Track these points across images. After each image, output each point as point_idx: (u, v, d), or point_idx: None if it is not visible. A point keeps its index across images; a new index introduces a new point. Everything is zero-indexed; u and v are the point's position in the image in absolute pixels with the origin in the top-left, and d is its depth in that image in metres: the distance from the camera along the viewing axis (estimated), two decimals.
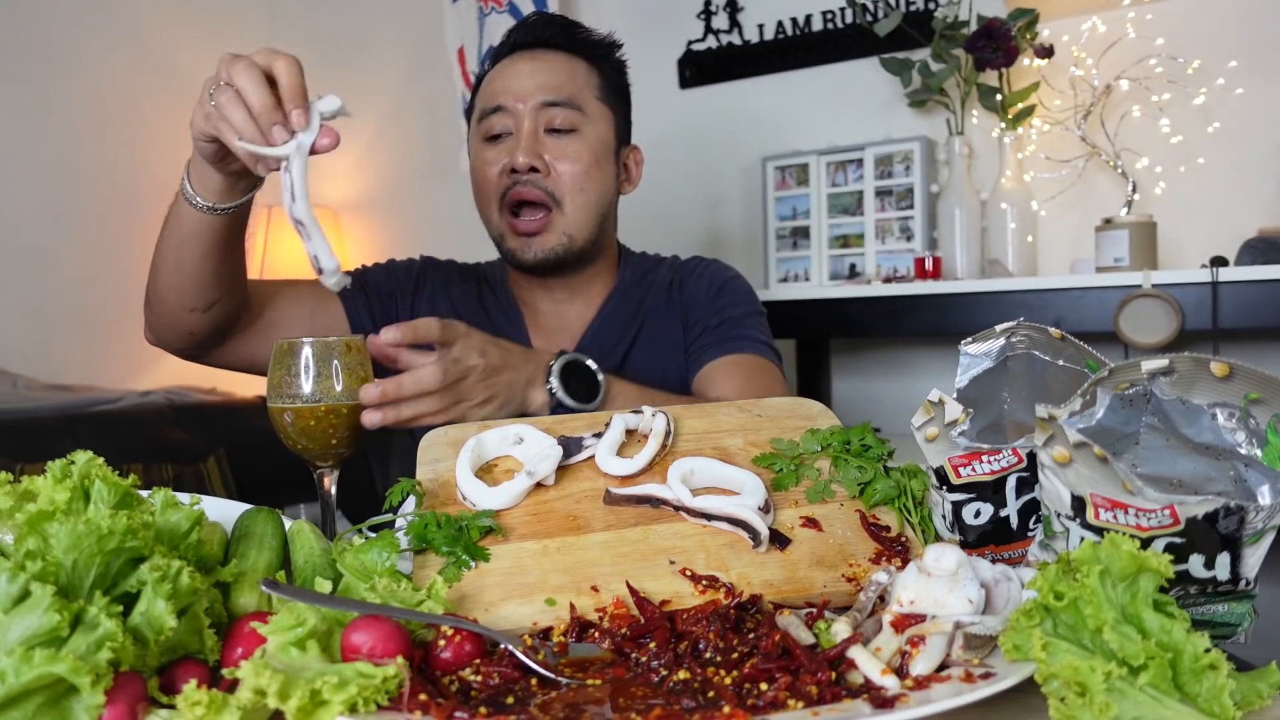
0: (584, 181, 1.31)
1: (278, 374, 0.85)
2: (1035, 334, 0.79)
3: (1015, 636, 0.57)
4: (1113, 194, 2.22)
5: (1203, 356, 0.62)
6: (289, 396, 0.84)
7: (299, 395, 0.84)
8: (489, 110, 1.32)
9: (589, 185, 1.32)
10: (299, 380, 0.84)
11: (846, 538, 0.79)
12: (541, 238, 1.30)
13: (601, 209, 1.35)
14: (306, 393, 0.84)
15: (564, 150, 1.30)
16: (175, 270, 1.08)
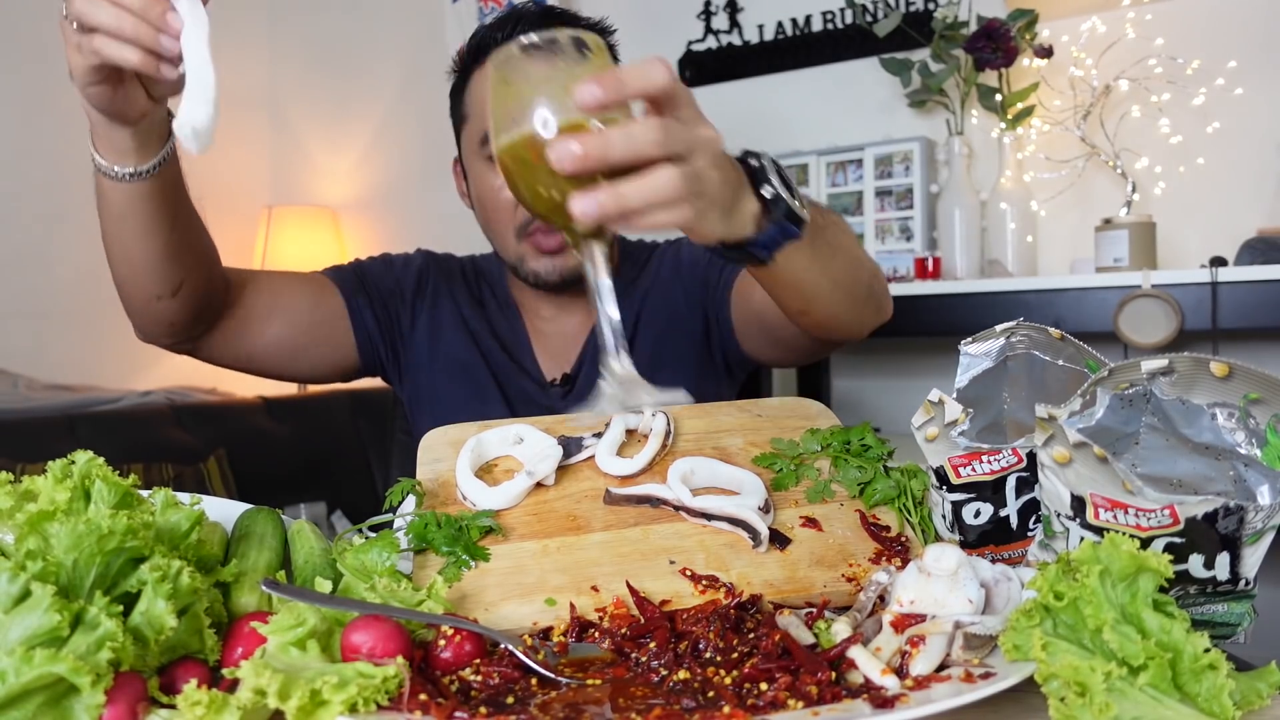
0: None
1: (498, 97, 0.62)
2: (1035, 334, 0.79)
3: (1015, 636, 0.57)
4: (1112, 194, 2.22)
5: (1202, 356, 0.62)
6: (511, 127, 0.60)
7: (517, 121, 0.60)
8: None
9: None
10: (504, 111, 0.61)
11: (846, 538, 0.79)
12: (563, 258, 1.21)
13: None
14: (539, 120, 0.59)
15: None
16: (123, 259, 0.98)
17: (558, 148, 0.57)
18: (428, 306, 1.33)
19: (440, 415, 1.12)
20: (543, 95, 0.59)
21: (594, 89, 0.57)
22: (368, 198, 3.49)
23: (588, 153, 0.57)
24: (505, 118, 0.61)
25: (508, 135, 0.61)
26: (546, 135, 0.59)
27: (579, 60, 0.61)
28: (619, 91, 0.58)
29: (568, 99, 0.58)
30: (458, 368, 1.30)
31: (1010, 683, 0.55)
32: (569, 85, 0.58)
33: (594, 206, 0.58)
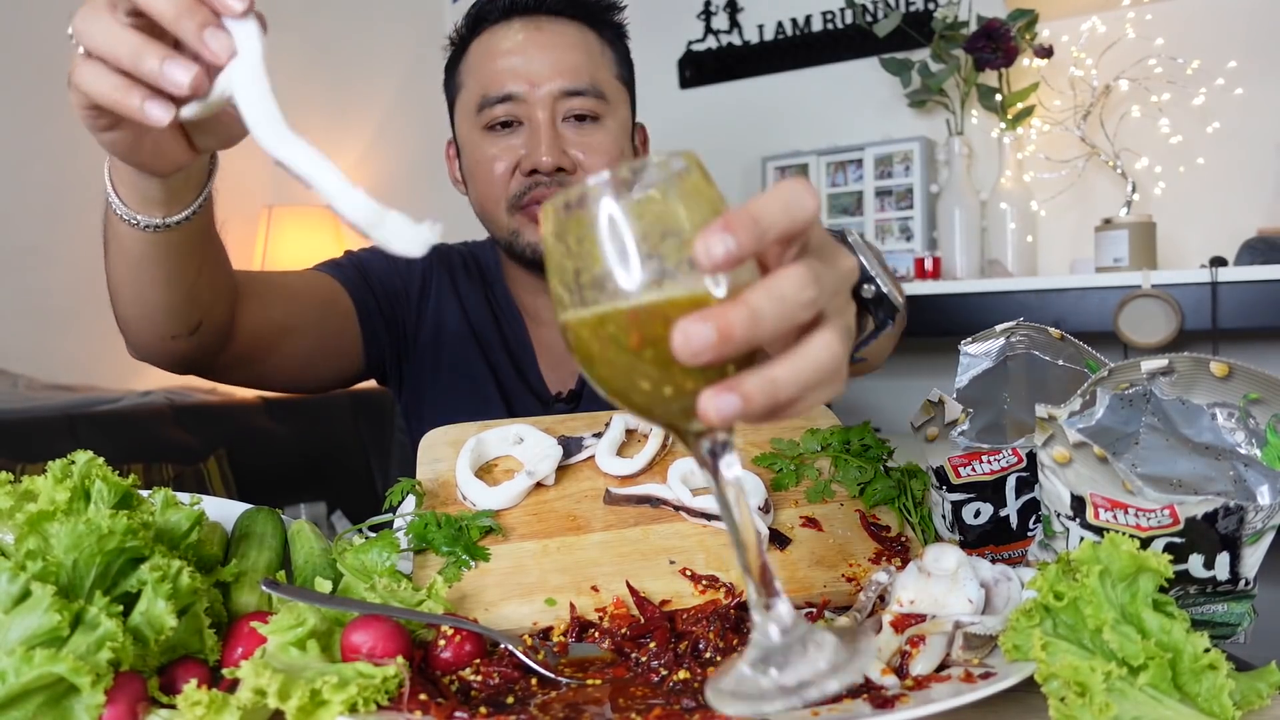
0: None
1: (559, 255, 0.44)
2: (1035, 334, 0.79)
3: (1015, 636, 0.57)
4: (1112, 194, 2.22)
5: (1202, 356, 0.62)
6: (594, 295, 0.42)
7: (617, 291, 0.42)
8: (494, 99, 1.12)
9: None
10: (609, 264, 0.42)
11: (846, 537, 0.79)
12: None
13: None
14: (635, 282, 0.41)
15: (588, 142, 1.13)
16: (134, 302, 0.83)
17: (682, 333, 0.39)
18: (432, 310, 1.26)
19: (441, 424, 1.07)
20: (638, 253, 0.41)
21: (725, 241, 0.39)
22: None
23: (727, 335, 0.39)
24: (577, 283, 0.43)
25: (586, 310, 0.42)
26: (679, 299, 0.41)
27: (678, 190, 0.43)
28: (759, 239, 0.40)
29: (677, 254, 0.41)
30: (462, 378, 1.24)
31: (1010, 683, 0.55)
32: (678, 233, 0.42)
33: (735, 406, 0.40)
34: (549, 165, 1.10)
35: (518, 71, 1.12)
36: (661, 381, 0.42)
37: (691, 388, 0.42)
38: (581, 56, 1.14)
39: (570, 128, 1.13)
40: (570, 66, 1.12)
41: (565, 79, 1.12)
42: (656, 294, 0.41)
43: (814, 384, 0.42)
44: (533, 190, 1.12)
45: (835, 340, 0.42)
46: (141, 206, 0.71)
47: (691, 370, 0.41)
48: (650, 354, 0.42)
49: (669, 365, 0.41)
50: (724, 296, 0.41)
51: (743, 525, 0.45)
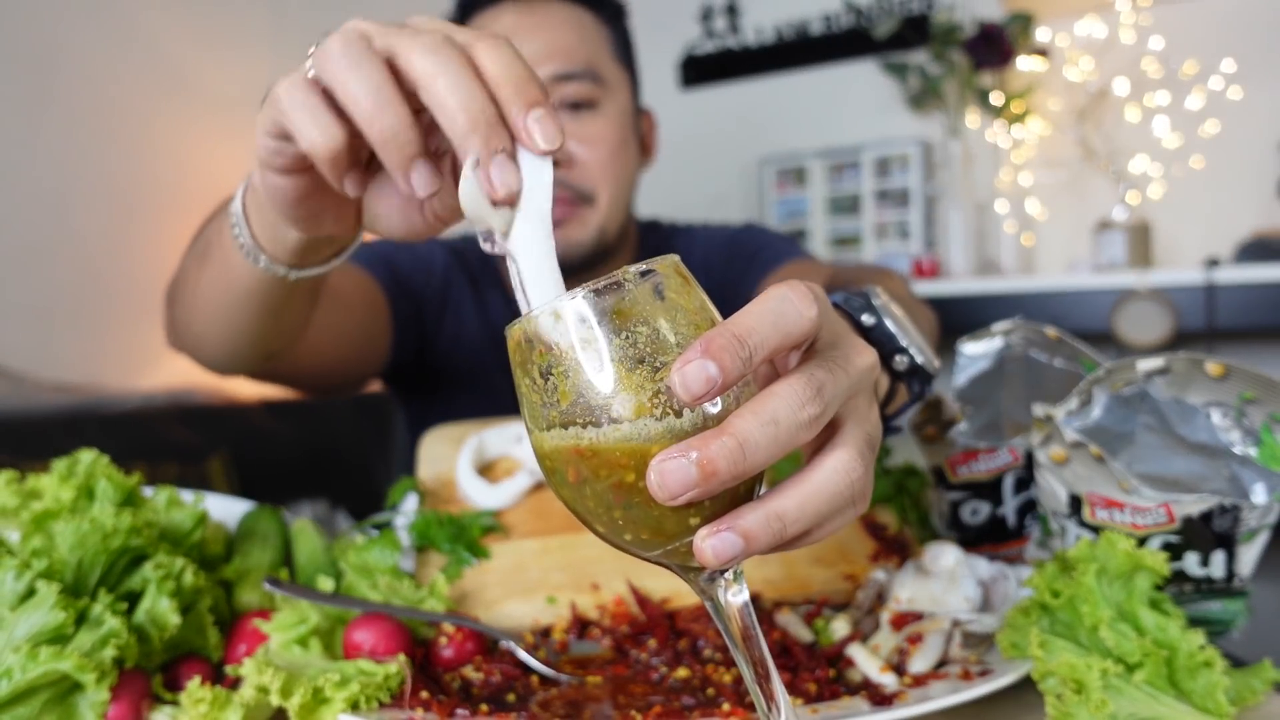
0: (613, 168, 1.07)
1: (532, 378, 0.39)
2: (1032, 334, 0.79)
3: (1012, 634, 0.57)
4: (1109, 195, 2.23)
5: (1198, 356, 0.63)
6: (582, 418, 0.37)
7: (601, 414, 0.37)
8: None
9: (621, 171, 1.09)
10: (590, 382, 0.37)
11: (845, 536, 0.79)
12: (568, 229, 1.06)
13: (630, 193, 1.14)
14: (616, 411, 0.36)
15: (586, 132, 1.05)
16: (225, 332, 0.74)
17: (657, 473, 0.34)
18: (451, 313, 1.19)
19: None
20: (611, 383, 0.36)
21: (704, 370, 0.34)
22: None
23: (710, 473, 0.34)
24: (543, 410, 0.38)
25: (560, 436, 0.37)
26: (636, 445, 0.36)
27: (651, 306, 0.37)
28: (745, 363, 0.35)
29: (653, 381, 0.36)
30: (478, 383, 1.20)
31: (1007, 680, 0.55)
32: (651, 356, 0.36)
33: (736, 546, 0.36)
34: None
35: None
36: (641, 524, 0.37)
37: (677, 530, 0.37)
38: (575, 37, 1.06)
39: (567, 117, 1.05)
40: (562, 48, 1.05)
41: (558, 63, 1.04)
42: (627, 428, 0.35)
43: (828, 514, 0.37)
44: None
45: (851, 460, 0.37)
46: (275, 250, 0.60)
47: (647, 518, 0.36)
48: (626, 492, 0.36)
49: (648, 504, 0.36)
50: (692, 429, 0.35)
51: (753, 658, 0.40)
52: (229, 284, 0.67)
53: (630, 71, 1.15)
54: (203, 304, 0.73)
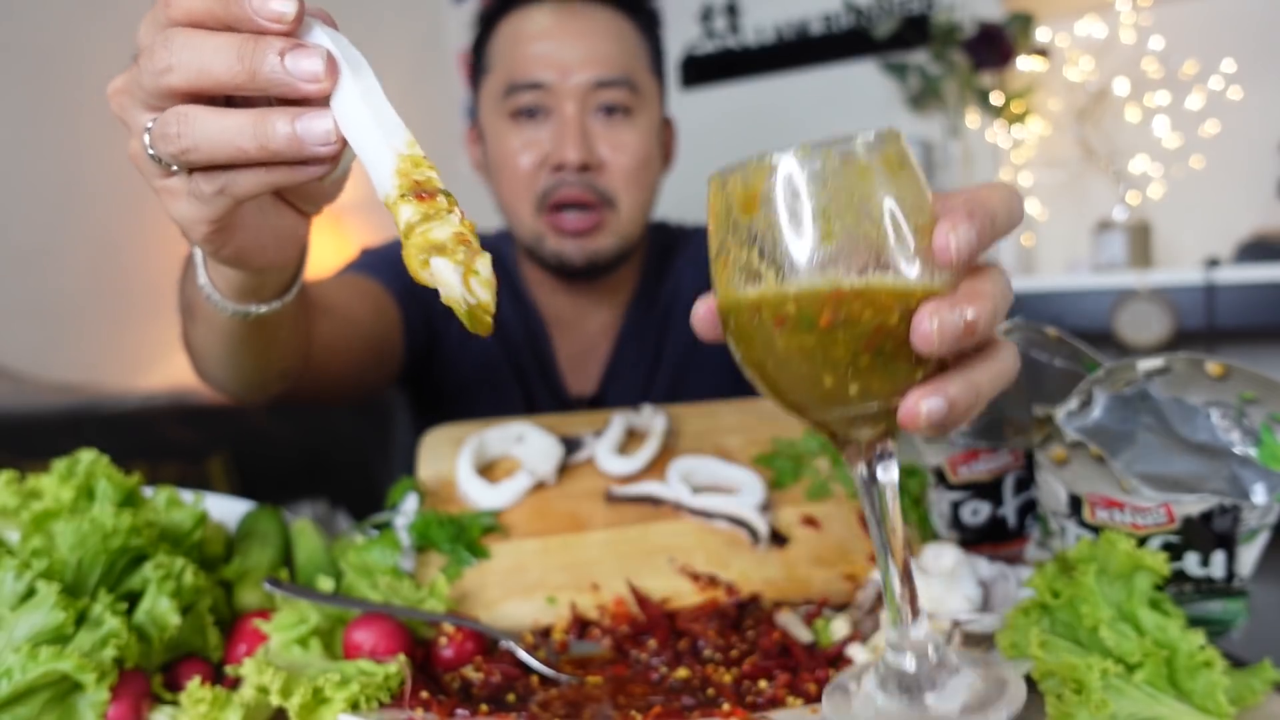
0: (640, 175, 1.09)
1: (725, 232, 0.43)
2: (1032, 334, 0.79)
3: (1012, 634, 0.57)
4: (1109, 195, 2.23)
5: (1198, 357, 0.63)
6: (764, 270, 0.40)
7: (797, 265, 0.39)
8: (522, 85, 1.07)
9: (645, 179, 1.11)
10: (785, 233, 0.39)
11: (845, 536, 0.79)
12: (592, 239, 1.09)
13: (652, 202, 1.16)
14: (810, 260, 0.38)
15: (618, 139, 1.08)
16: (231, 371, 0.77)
17: (931, 320, 0.37)
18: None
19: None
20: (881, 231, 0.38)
21: (968, 234, 0.37)
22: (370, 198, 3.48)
23: (976, 329, 0.38)
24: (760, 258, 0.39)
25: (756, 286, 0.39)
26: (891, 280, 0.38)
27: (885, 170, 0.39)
28: (993, 236, 0.39)
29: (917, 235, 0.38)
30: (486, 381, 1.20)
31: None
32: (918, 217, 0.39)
33: (941, 409, 0.39)
34: (575, 162, 1.05)
35: (548, 58, 1.06)
36: (874, 373, 0.38)
37: (904, 383, 0.39)
38: (615, 46, 1.08)
39: (600, 121, 1.08)
40: (604, 56, 1.07)
41: (598, 69, 1.06)
42: (892, 277, 0.37)
43: (1000, 388, 0.42)
44: (559, 189, 1.07)
45: (1014, 348, 0.43)
46: (235, 296, 0.61)
47: (883, 368, 0.38)
48: (841, 339, 0.38)
49: (896, 353, 0.38)
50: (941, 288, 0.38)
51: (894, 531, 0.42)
52: (216, 332, 0.68)
53: (660, 81, 1.17)
54: (205, 351, 0.74)
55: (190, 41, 0.42)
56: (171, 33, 0.42)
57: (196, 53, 0.42)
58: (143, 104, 0.45)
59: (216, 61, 0.42)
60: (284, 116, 0.42)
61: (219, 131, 0.43)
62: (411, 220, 0.40)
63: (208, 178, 0.46)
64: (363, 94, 0.42)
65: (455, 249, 0.40)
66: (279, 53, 0.41)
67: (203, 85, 0.42)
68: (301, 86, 0.41)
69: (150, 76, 0.43)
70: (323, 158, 0.43)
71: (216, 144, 0.43)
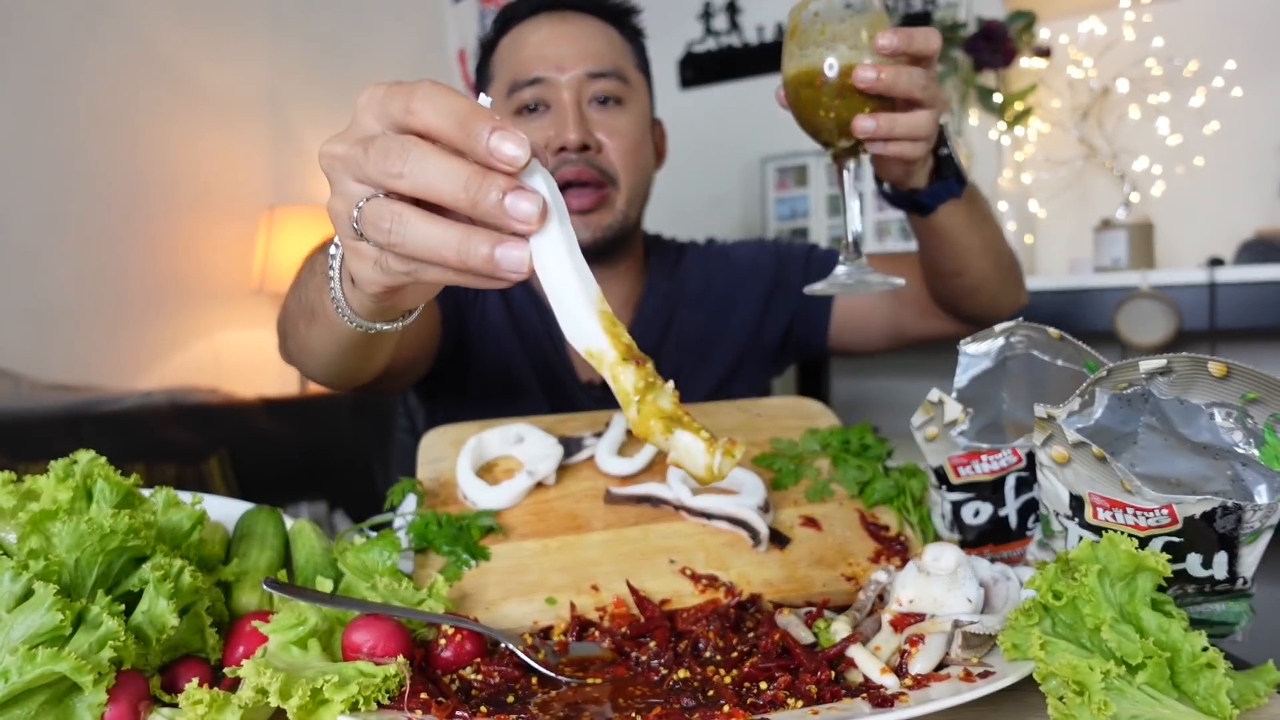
0: (635, 157, 1.18)
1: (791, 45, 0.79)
2: (1034, 334, 0.79)
3: (1014, 635, 0.57)
4: (1111, 195, 2.22)
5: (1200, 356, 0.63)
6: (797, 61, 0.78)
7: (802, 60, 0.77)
8: (523, 82, 1.16)
9: (641, 162, 1.20)
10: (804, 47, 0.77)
11: (846, 537, 0.79)
12: (598, 215, 1.16)
13: (648, 188, 1.25)
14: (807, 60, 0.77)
15: (613, 124, 1.17)
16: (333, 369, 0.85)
17: (862, 71, 0.74)
18: (480, 308, 1.26)
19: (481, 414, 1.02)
20: (849, 34, 0.75)
21: (894, 38, 0.74)
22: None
23: (882, 78, 0.74)
24: (808, 50, 0.76)
25: (807, 61, 0.76)
26: (850, 61, 0.75)
27: (875, 16, 0.76)
28: (909, 44, 0.75)
29: (868, 42, 0.75)
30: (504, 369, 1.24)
31: (1009, 682, 0.55)
32: (871, 32, 0.75)
33: (871, 126, 0.76)
34: (575, 142, 1.13)
35: (545, 58, 1.16)
36: (832, 109, 0.77)
37: (847, 116, 0.77)
38: (605, 44, 1.19)
39: (595, 110, 1.17)
40: (594, 52, 1.17)
41: (590, 62, 1.16)
42: (853, 57, 0.75)
43: (911, 133, 0.77)
44: (561, 168, 1.13)
45: (930, 118, 0.78)
46: (366, 315, 0.66)
47: (849, 105, 0.76)
48: (830, 91, 0.76)
49: (840, 100, 0.76)
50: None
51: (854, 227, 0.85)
52: (332, 337, 0.75)
53: (648, 81, 1.27)
54: (314, 349, 0.81)
55: (425, 158, 0.47)
56: (409, 144, 0.47)
57: (428, 170, 0.47)
58: (355, 178, 0.51)
59: (445, 184, 0.47)
60: (487, 242, 0.47)
61: (426, 238, 0.48)
62: (638, 386, 0.46)
63: (400, 260, 0.51)
64: (566, 242, 0.47)
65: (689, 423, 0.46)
66: (501, 190, 0.46)
67: (425, 198, 0.48)
68: (514, 225, 0.47)
69: (379, 174, 0.48)
70: (509, 281, 0.49)
71: (421, 246, 0.48)
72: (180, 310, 3.14)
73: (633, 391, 0.46)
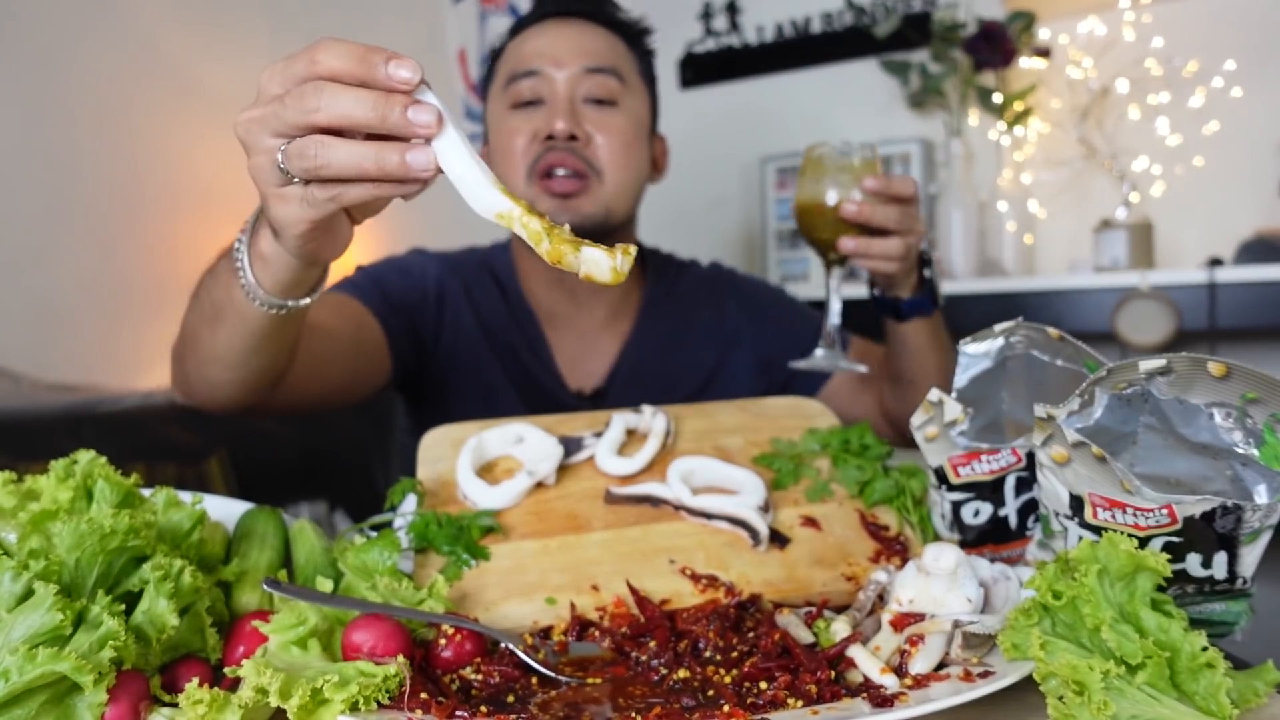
0: (624, 156, 1.18)
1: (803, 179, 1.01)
2: (1034, 334, 0.79)
3: (1014, 635, 0.57)
4: (1110, 195, 2.22)
5: (1200, 356, 0.63)
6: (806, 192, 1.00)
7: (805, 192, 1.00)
8: (520, 74, 1.18)
9: (630, 160, 1.19)
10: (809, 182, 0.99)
11: (846, 537, 0.79)
12: (579, 201, 1.16)
13: (637, 190, 1.24)
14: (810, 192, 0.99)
15: (605, 122, 1.17)
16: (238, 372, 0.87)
17: (847, 205, 0.96)
18: (449, 321, 1.26)
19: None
20: (843, 176, 0.97)
21: (875, 182, 0.96)
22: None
23: (862, 212, 0.96)
24: (812, 184, 0.99)
25: (812, 192, 0.99)
26: (840, 198, 0.97)
27: (865, 162, 0.98)
28: (889, 189, 0.97)
29: (855, 182, 0.97)
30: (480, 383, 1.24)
31: (1009, 681, 0.55)
32: (861, 175, 0.97)
33: (851, 245, 0.97)
34: (563, 131, 1.14)
35: (544, 52, 1.18)
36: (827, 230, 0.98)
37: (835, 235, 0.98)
38: (604, 45, 1.21)
39: (589, 106, 1.18)
40: (593, 50, 1.19)
41: (587, 58, 1.18)
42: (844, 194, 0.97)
43: (884, 254, 0.98)
44: (547, 155, 1.14)
45: (901, 244, 0.98)
46: (282, 290, 0.75)
47: (842, 229, 0.97)
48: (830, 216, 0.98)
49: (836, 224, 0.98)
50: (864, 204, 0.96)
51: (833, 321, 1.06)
52: (241, 331, 0.80)
53: (650, 91, 1.28)
54: (222, 353, 0.85)
55: (337, 92, 0.57)
56: (321, 85, 0.57)
57: (341, 101, 0.57)
58: (274, 132, 0.60)
59: (356, 109, 0.56)
60: (397, 150, 0.57)
61: (347, 156, 0.58)
62: (545, 226, 0.57)
63: (323, 187, 0.60)
64: (462, 141, 0.57)
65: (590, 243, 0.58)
66: (403, 105, 0.56)
67: (342, 125, 0.57)
68: (417, 131, 0.56)
69: (298, 114, 0.58)
70: (421, 180, 0.59)
71: (344, 164, 0.58)
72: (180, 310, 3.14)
73: (542, 231, 0.57)
